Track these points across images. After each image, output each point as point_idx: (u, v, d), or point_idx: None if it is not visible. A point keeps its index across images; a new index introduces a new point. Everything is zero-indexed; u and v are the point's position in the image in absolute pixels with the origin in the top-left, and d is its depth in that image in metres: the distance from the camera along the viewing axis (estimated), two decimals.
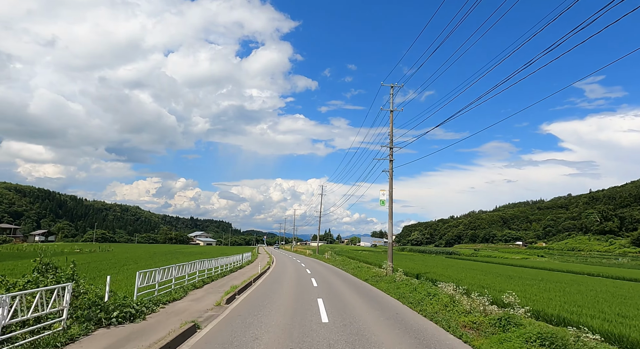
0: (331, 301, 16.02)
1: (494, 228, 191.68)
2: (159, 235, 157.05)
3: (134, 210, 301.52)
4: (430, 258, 73.85)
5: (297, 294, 17.81)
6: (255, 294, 17.66)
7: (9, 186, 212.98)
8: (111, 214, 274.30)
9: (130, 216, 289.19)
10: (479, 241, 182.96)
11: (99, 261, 32.37)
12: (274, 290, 19.02)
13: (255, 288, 20.15)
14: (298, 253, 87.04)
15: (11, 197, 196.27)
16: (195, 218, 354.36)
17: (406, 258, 62.84)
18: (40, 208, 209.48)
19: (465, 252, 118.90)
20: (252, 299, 15.87)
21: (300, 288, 20.11)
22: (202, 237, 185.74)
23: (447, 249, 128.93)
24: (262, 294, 17.63)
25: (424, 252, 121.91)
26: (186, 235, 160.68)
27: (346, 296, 18.08)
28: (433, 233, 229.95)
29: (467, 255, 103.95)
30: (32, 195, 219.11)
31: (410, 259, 60.97)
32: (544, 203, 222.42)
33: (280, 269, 32.99)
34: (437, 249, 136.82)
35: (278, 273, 29.15)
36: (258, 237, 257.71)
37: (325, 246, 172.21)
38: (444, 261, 58.58)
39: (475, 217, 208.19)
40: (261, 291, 18.61)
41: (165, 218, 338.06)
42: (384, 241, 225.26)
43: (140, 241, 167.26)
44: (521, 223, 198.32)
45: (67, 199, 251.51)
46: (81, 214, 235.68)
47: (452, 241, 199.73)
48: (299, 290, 19.26)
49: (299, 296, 17.19)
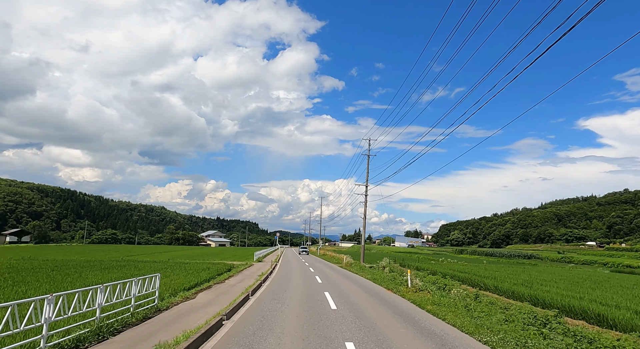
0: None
1: (548, 226, 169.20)
2: (165, 235, 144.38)
3: (159, 210, 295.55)
4: (521, 268, 45.55)
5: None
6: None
7: (32, 186, 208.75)
8: (136, 214, 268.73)
9: (155, 216, 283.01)
10: (532, 241, 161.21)
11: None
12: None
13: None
14: (327, 259, 54.49)
15: (31, 197, 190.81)
16: (222, 219, 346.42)
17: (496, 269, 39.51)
18: (61, 208, 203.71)
19: (548, 255, 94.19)
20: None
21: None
22: (215, 237, 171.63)
23: (522, 251, 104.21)
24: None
25: (491, 255, 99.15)
26: (196, 235, 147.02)
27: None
28: (475, 232, 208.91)
29: (553, 259, 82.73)
30: (55, 195, 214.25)
31: (509, 271, 37.71)
32: (597, 199, 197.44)
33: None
34: (501, 250, 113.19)
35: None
36: (284, 237, 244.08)
37: (356, 246, 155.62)
38: (554, 272, 38.68)
39: (525, 214, 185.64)
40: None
41: (191, 219, 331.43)
42: (421, 242, 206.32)
43: (140, 242, 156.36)
44: (579, 221, 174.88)
45: (92, 200, 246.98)
46: (104, 215, 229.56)
47: (499, 241, 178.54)
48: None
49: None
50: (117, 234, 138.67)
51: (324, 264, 42.90)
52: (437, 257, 64.38)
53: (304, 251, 74.47)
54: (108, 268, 22.74)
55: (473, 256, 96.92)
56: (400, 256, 59.54)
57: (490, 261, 63.62)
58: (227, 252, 60.24)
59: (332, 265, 40.79)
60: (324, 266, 37.97)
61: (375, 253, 77.39)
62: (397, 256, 55.07)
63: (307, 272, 29.81)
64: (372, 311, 12.91)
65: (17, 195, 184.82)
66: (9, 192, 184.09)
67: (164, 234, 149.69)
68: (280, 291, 16.84)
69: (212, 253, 53.32)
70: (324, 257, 60.76)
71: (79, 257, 37.29)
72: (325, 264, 41.58)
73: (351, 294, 16.93)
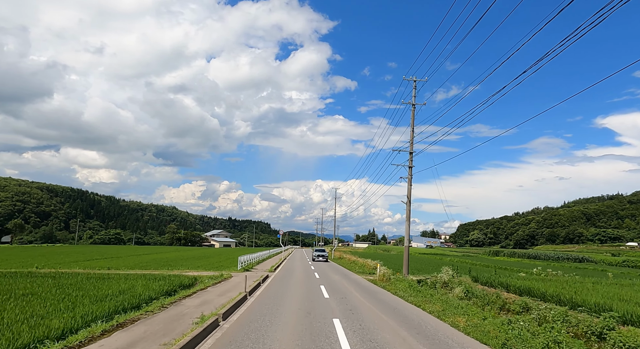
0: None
1: (577, 226, 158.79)
2: (166, 235, 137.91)
3: (170, 210, 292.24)
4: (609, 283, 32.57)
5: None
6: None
7: (41, 186, 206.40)
8: (147, 214, 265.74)
9: (166, 216, 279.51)
10: (560, 242, 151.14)
11: None
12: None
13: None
14: (347, 266, 39.62)
15: (40, 197, 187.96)
16: (233, 219, 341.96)
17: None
18: (70, 208, 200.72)
19: (603, 258, 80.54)
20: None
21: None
22: (220, 237, 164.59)
23: (569, 253, 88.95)
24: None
25: (534, 257, 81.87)
26: (199, 234, 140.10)
27: None
28: (497, 232, 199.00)
29: (610, 263, 70.63)
30: (64, 195, 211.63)
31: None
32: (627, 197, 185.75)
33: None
34: (545, 252, 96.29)
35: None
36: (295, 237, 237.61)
37: (372, 247, 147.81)
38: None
39: (551, 213, 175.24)
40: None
41: (203, 219, 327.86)
42: (440, 242, 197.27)
43: (148, 242, 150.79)
44: (609, 220, 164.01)
45: (102, 200, 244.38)
46: (113, 215, 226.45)
47: (523, 242, 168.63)
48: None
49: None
50: (120, 234, 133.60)
51: (344, 275, 28.53)
52: (481, 261, 53.75)
53: (320, 255, 48.32)
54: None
55: (513, 258, 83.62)
56: (439, 260, 50.79)
57: (587, 270, 45.68)
58: (223, 254, 52.48)
59: (358, 278, 26.56)
60: (346, 282, 23.65)
61: (396, 255, 69.14)
62: (433, 260, 46.13)
63: (315, 298, 16.11)
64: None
65: (25, 195, 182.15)
66: (17, 191, 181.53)
67: (166, 233, 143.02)
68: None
69: (199, 256, 45.37)
70: (342, 263, 44.25)
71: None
72: (346, 277, 27.47)
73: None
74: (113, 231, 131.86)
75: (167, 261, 36.61)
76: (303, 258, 55.50)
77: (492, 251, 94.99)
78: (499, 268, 41.44)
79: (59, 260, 33.58)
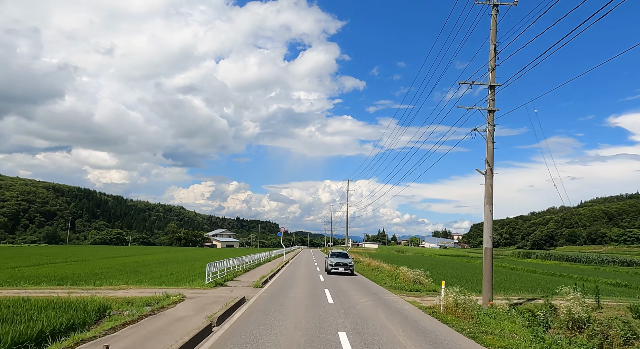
0: None
1: (599, 226, 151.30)
2: (167, 235, 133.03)
3: (178, 210, 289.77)
4: None
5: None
6: None
7: (48, 185, 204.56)
8: (154, 214, 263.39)
9: (174, 216, 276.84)
10: (581, 243, 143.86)
11: None
12: None
13: None
14: (371, 276, 28.86)
15: (45, 196, 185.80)
16: (241, 219, 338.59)
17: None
18: (76, 208, 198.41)
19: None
20: None
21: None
22: (224, 236, 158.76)
23: (614, 256, 77.97)
24: None
25: (574, 260, 70.24)
26: (201, 234, 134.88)
27: None
28: (512, 232, 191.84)
29: None
30: (70, 194, 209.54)
31: None
32: None
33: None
34: (587, 254, 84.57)
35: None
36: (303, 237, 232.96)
37: (384, 248, 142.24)
38: None
39: (570, 212, 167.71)
40: None
41: (211, 219, 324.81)
42: (453, 243, 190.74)
43: (154, 243, 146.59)
44: (632, 220, 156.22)
45: (110, 199, 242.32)
46: (120, 214, 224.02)
47: (541, 242, 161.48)
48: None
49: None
50: (122, 234, 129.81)
51: (374, 297, 17.66)
52: (522, 266, 46.27)
53: (342, 265, 30.07)
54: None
55: (549, 261, 71.53)
56: (467, 263, 44.73)
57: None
58: (215, 256, 44.88)
59: (403, 306, 15.55)
60: (388, 319, 12.68)
61: (416, 257, 63.22)
62: (465, 264, 39.66)
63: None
64: None
65: (30, 194, 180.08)
66: (22, 191, 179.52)
67: (167, 233, 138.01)
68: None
69: (183, 259, 38.57)
70: (362, 270, 33.31)
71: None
72: (380, 302, 16.36)
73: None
74: (115, 231, 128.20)
75: (133, 266, 29.34)
76: (309, 263, 44.09)
77: (522, 253, 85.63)
78: (564, 275, 34.28)
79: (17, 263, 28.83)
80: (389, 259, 44.15)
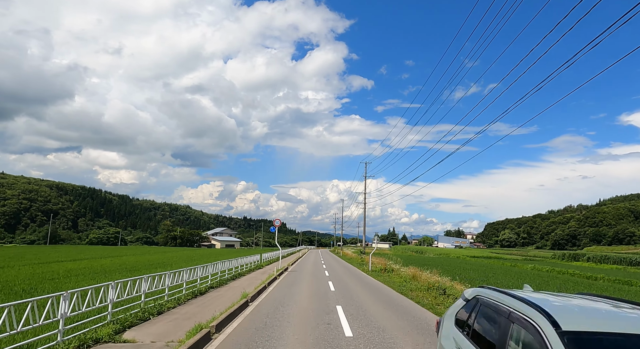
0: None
1: (625, 224, 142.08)
2: (160, 234, 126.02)
3: (184, 209, 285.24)
4: None
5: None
6: None
7: (51, 184, 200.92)
8: (160, 213, 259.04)
9: (180, 215, 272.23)
10: (606, 242, 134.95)
11: None
12: None
13: None
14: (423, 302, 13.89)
15: (47, 195, 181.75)
16: (248, 218, 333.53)
17: None
18: (79, 206, 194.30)
19: None
20: None
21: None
22: (224, 235, 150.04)
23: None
24: None
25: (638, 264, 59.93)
26: (199, 233, 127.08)
27: None
28: (530, 232, 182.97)
29: None
30: (74, 193, 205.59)
31: None
32: None
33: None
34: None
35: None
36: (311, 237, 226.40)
37: (398, 248, 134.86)
38: None
39: (594, 210, 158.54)
40: None
41: (217, 218, 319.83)
42: (469, 242, 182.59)
43: (157, 243, 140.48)
44: None
45: (114, 198, 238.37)
46: (124, 213, 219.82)
47: (562, 242, 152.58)
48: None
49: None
50: (120, 233, 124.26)
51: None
52: (586, 272, 37.85)
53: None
54: None
55: (606, 265, 60.47)
56: (520, 269, 36.49)
57: None
58: (194, 260, 36.29)
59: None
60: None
61: (436, 259, 54.40)
62: (515, 271, 31.30)
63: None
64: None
65: (32, 193, 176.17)
66: (24, 189, 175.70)
67: (160, 233, 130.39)
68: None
69: (150, 264, 29.55)
70: (399, 286, 19.07)
71: None
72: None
73: None
74: (112, 230, 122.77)
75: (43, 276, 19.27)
76: (318, 274, 26.14)
77: (568, 255, 71.66)
78: None
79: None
80: (412, 262, 36.74)
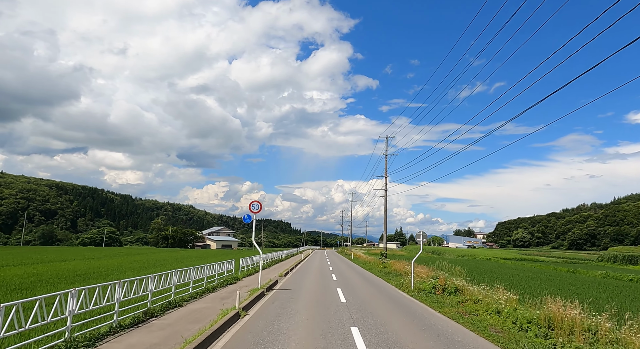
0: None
1: None
2: (152, 234, 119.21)
3: (187, 209, 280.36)
4: None
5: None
6: None
7: (50, 183, 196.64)
8: (162, 213, 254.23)
9: (183, 215, 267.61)
10: (629, 242, 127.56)
11: None
12: None
13: None
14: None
15: (46, 194, 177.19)
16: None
17: None
18: (79, 206, 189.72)
19: None
20: None
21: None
22: (220, 235, 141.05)
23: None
24: None
25: None
26: (193, 232, 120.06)
27: None
28: (545, 231, 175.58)
29: None
30: (74, 193, 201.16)
31: None
32: None
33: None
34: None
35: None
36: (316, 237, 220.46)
37: (409, 248, 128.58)
38: None
39: (614, 209, 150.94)
40: None
41: (221, 218, 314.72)
42: (481, 242, 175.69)
43: (147, 242, 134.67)
44: None
45: (116, 198, 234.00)
46: (125, 213, 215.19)
47: (581, 242, 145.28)
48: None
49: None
50: (115, 233, 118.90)
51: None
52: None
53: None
54: None
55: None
56: (589, 278, 29.70)
57: None
58: (158, 265, 28.72)
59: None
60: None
61: (465, 261, 46.32)
62: (588, 280, 24.64)
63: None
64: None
65: (30, 192, 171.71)
66: (22, 189, 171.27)
67: (152, 232, 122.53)
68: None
69: (108, 270, 25.45)
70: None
71: None
72: None
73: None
74: (107, 229, 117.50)
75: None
76: (330, 292, 16.96)
77: (621, 257, 60.24)
78: None
79: None
80: (440, 267, 29.76)
